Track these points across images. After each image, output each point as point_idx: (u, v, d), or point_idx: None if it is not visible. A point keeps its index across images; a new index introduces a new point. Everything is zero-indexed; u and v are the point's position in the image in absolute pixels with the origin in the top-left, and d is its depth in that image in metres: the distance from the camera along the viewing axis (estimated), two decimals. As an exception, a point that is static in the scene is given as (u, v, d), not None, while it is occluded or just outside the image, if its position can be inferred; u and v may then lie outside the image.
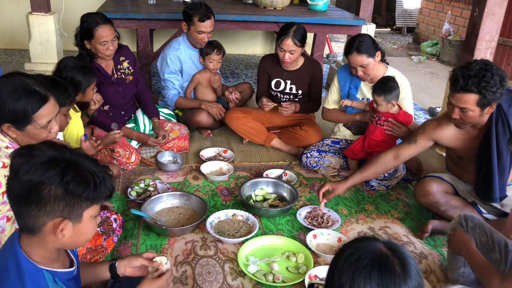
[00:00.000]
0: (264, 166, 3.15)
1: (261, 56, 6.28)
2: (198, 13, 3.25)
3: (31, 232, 1.18)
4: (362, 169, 2.52)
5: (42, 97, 1.69)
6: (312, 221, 2.52)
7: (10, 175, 1.15)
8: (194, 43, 3.41)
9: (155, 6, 4.42)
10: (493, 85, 2.04)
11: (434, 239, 2.48)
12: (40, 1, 4.13)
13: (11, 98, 1.63)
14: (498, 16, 2.81)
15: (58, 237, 1.17)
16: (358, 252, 0.98)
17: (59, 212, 1.14)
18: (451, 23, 6.87)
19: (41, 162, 1.13)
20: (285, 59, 3.14)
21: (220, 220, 2.45)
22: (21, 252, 1.19)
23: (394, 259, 0.97)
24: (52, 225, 1.16)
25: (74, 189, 1.13)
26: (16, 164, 1.13)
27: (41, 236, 1.18)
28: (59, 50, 4.34)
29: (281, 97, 3.41)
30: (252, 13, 4.32)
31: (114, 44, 2.86)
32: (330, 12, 4.74)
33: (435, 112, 4.42)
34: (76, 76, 2.48)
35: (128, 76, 3.09)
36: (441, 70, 6.26)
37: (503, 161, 2.27)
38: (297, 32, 3.08)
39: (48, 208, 1.13)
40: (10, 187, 1.15)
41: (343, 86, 3.06)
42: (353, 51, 2.77)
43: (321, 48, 4.58)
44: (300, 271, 2.12)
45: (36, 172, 1.11)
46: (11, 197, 1.16)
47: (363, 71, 2.83)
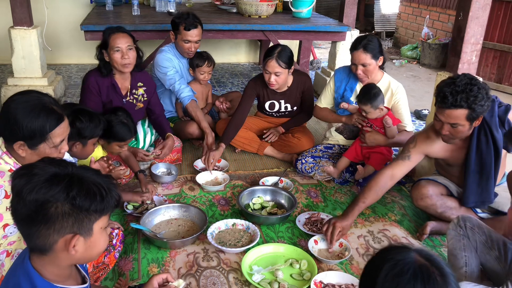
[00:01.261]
0: (259, 174, 3.15)
1: (245, 64, 6.32)
2: (184, 22, 3.26)
3: (42, 252, 1.15)
4: (363, 197, 2.44)
5: (59, 116, 1.68)
6: (312, 227, 2.53)
7: (14, 197, 1.12)
8: (182, 53, 3.41)
9: (140, 17, 4.40)
10: (481, 99, 2.10)
11: (432, 239, 2.52)
12: (22, 15, 4.05)
13: (29, 115, 1.61)
14: (482, 19, 2.89)
15: (71, 254, 1.15)
16: (398, 266, 0.98)
17: (69, 228, 1.12)
18: (430, 27, 7.03)
19: (44, 180, 1.10)
20: (271, 82, 3.05)
21: (220, 230, 2.44)
22: (34, 271, 1.16)
23: (434, 270, 0.98)
24: (63, 242, 1.14)
25: (81, 203, 1.11)
26: (18, 186, 1.10)
27: (52, 255, 1.16)
28: (42, 64, 4.27)
29: (276, 115, 3.42)
30: (238, 22, 4.34)
31: (130, 54, 2.78)
32: (314, 19, 4.80)
33: (421, 115, 4.50)
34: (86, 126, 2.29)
35: (138, 103, 3.02)
36: (422, 73, 6.39)
37: (487, 169, 2.36)
38: (281, 53, 3.00)
39: (57, 225, 1.11)
40: (15, 209, 1.12)
41: (338, 87, 3.09)
42: (360, 47, 2.80)
43: (307, 55, 4.63)
44: (304, 278, 2.13)
45: (40, 191, 1.08)
46: (18, 220, 1.14)
47: (363, 70, 2.86)
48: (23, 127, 1.61)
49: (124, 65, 2.79)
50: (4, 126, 1.65)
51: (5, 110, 1.64)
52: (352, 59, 2.90)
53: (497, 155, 2.34)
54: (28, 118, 1.61)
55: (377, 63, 2.87)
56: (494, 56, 5.58)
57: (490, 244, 1.98)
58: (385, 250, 1.07)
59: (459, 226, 2.05)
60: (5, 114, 1.63)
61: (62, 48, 5.73)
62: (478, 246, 2.00)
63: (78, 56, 5.88)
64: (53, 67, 5.33)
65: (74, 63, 5.88)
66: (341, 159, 3.00)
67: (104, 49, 2.80)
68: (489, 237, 1.99)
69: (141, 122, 3.17)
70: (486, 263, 2.00)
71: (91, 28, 3.91)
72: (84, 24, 3.91)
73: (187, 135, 3.43)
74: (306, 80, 3.32)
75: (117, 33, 2.77)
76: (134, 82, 2.97)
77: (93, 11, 4.67)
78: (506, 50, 5.43)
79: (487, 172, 2.34)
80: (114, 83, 2.88)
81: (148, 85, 3.06)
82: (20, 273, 1.17)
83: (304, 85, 3.30)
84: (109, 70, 2.85)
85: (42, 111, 1.63)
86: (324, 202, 2.84)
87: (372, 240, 2.48)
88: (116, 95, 2.90)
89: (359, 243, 2.45)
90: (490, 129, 2.32)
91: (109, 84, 2.86)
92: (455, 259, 2.07)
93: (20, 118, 1.61)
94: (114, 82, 2.88)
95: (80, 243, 1.15)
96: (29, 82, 4.21)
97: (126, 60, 2.77)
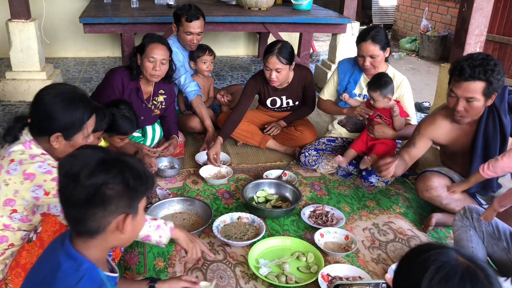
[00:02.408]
0: (262, 168, 3.13)
1: (244, 57, 6.29)
2: (186, 14, 3.24)
3: (91, 235, 1.20)
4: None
5: (92, 106, 1.78)
6: (317, 220, 2.52)
7: (70, 183, 1.15)
8: (184, 45, 3.38)
9: (138, 10, 4.35)
10: (497, 73, 2.12)
11: (437, 231, 2.52)
12: (19, 8, 4.00)
13: (70, 107, 1.68)
14: (486, 10, 2.88)
15: (123, 233, 1.21)
16: (444, 269, 0.95)
17: (122, 208, 1.19)
18: (428, 19, 7.01)
19: (96, 164, 1.16)
20: (272, 79, 3.01)
21: (226, 223, 2.43)
22: (78, 253, 1.19)
23: (479, 271, 0.95)
24: (116, 223, 1.20)
25: (133, 184, 1.18)
26: (72, 171, 1.14)
27: (102, 237, 1.21)
28: (41, 57, 4.22)
29: (278, 110, 3.41)
30: (237, 14, 4.31)
31: (162, 67, 2.79)
32: (314, 11, 4.77)
33: (422, 107, 4.49)
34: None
35: (156, 110, 3.03)
36: (421, 66, 6.38)
37: (491, 154, 2.34)
38: (282, 49, 2.97)
39: (113, 207, 1.17)
40: (73, 195, 1.14)
41: (342, 79, 3.07)
42: (369, 38, 2.78)
43: (307, 47, 4.61)
44: (311, 271, 2.12)
45: (98, 175, 1.14)
46: (73, 204, 1.16)
47: (371, 62, 2.84)
48: (63, 119, 1.67)
49: (152, 75, 2.80)
50: (39, 119, 1.68)
51: (41, 104, 1.68)
52: (360, 51, 2.87)
53: (503, 141, 2.33)
54: (68, 109, 1.68)
55: (385, 54, 2.85)
56: (494, 48, 5.57)
57: (497, 235, 1.97)
58: (422, 249, 1.03)
59: (466, 217, 2.05)
60: (42, 107, 1.67)
61: (60, 42, 5.68)
62: (485, 237, 2.00)
63: (75, 50, 5.83)
64: (50, 60, 5.28)
65: (72, 57, 5.83)
66: (348, 150, 2.97)
67: (139, 52, 2.79)
68: (496, 228, 1.98)
69: None
70: (493, 254, 2.00)
71: (90, 21, 3.86)
72: (83, 17, 3.86)
73: (189, 129, 3.41)
74: (308, 74, 3.28)
75: (157, 43, 2.76)
76: (157, 89, 2.98)
77: (91, 4, 4.62)
78: (506, 42, 5.42)
79: (491, 157, 2.33)
80: (139, 86, 2.88)
81: (169, 94, 3.07)
82: (60, 253, 1.19)
83: (305, 80, 3.25)
84: (139, 74, 2.85)
85: (80, 102, 1.72)
86: (328, 195, 2.83)
87: (377, 232, 2.48)
88: (138, 99, 2.89)
89: (364, 235, 2.45)
90: (498, 114, 2.31)
91: (133, 87, 2.86)
92: (462, 250, 2.07)
93: (60, 110, 1.66)
94: (139, 86, 2.88)
95: (129, 223, 1.21)
96: (27, 76, 4.17)
97: (156, 72, 2.79)
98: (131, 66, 2.83)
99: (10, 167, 1.64)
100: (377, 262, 2.24)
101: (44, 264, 1.23)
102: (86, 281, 1.15)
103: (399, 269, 1.07)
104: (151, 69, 2.77)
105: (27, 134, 1.72)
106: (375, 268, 2.20)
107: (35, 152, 1.69)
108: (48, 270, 1.18)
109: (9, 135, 1.70)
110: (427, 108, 4.44)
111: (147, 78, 2.84)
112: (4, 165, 1.65)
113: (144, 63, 2.77)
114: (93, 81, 4.98)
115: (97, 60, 5.80)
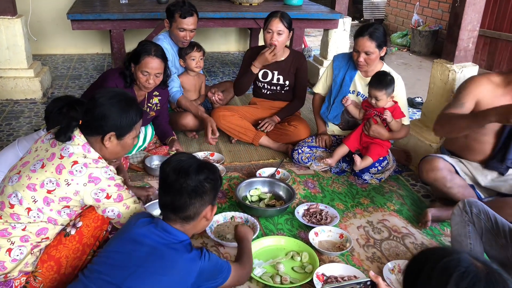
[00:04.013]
0: (255, 166, 3.10)
1: (235, 53, 6.24)
2: (180, 10, 3.21)
3: (187, 220, 1.62)
4: None
5: (141, 109, 1.94)
6: (311, 218, 2.50)
7: (180, 177, 1.57)
8: (176, 41, 3.34)
9: (128, 6, 4.28)
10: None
11: (431, 228, 2.51)
12: (5, 4, 3.91)
13: (125, 107, 1.83)
14: (479, 6, 2.86)
15: (208, 221, 1.69)
16: (468, 275, 0.95)
17: (210, 200, 1.64)
18: (419, 14, 7.01)
19: (198, 165, 1.62)
20: (273, 41, 3.11)
21: (219, 223, 2.39)
22: (177, 230, 1.61)
23: (498, 276, 0.96)
24: (205, 212, 1.64)
25: (220, 181, 1.69)
26: (181, 168, 1.58)
27: (194, 223, 1.64)
28: (28, 54, 4.14)
29: (268, 88, 3.37)
30: (228, 10, 4.26)
31: (156, 80, 2.78)
32: (306, 6, 4.73)
33: (414, 102, 4.49)
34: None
35: (151, 112, 3.02)
36: (413, 61, 6.38)
37: None
38: (284, 15, 3.13)
39: (207, 197, 1.61)
40: (183, 186, 1.56)
41: (336, 75, 3.05)
42: (366, 34, 2.75)
43: (299, 43, 4.57)
44: (306, 270, 2.10)
45: (203, 171, 1.60)
46: (180, 194, 1.57)
47: (366, 58, 2.81)
48: (118, 118, 1.80)
49: (146, 87, 2.80)
50: (95, 119, 1.79)
51: (96, 105, 1.80)
52: (356, 46, 2.83)
53: None
54: (123, 110, 1.82)
55: (380, 53, 2.83)
56: (485, 42, 5.58)
57: (496, 231, 1.94)
58: (435, 256, 1.02)
59: (465, 211, 2.01)
60: (98, 108, 1.79)
61: (48, 38, 5.58)
62: (484, 233, 1.97)
63: (63, 46, 5.74)
64: (38, 57, 5.18)
65: (60, 53, 5.73)
66: (341, 146, 2.94)
67: (133, 61, 2.76)
68: (495, 223, 1.95)
69: None
70: (491, 250, 1.98)
71: (78, 17, 3.79)
72: (71, 13, 3.78)
73: (180, 127, 3.37)
74: (303, 60, 3.36)
75: (153, 57, 2.73)
76: (151, 92, 2.96)
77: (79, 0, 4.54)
78: (497, 37, 5.43)
79: None
80: (132, 92, 2.84)
81: (163, 95, 3.05)
82: (161, 234, 1.58)
83: (299, 63, 3.32)
84: (132, 82, 2.82)
85: (132, 104, 1.87)
86: (322, 193, 2.81)
87: (372, 230, 2.46)
88: None
89: (359, 233, 2.43)
90: None
91: None
92: (460, 246, 2.04)
93: (115, 110, 1.80)
94: (132, 92, 2.84)
95: (213, 213, 1.68)
96: (14, 74, 4.09)
97: (150, 85, 2.78)
98: (125, 74, 2.79)
99: (74, 168, 1.73)
100: (372, 261, 2.23)
101: (143, 243, 1.55)
102: (195, 249, 1.59)
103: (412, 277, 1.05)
104: (145, 82, 2.76)
105: (81, 136, 1.80)
106: (370, 267, 2.18)
107: (94, 156, 1.80)
108: (152, 246, 1.54)
109: (63, 135, 1.77)
110: (420, 103, 4.43)
111: (141, 88, 2.84)
112: (67, 166, 1.74)
113: (138, 74, 2.75)
114: (82, 78, 4.90)
115: (86, 56, 5.71)
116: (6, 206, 1.71)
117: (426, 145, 3.08)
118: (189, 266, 1.55)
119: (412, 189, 2.92)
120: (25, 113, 3.90)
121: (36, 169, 1.74)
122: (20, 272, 1.71)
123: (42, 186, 1.71)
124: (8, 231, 1.70)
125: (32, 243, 1.73)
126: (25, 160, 1.82)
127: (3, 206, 1.72)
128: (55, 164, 1.74)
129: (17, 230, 1.70)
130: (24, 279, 1.73)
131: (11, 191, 1.73)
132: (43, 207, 1.72)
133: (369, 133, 2.84)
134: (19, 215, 1.70)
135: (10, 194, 1.72)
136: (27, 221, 1.71)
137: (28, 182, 1.72)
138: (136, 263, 1.51)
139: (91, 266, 1.59)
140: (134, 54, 2.77)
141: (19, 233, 1.70)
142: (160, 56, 2.78)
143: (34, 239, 1.73)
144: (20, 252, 1.70)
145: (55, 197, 1.72)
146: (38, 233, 1.73)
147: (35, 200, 1.71)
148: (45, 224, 1.74)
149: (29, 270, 1.74)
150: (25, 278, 1.74)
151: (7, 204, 1.71)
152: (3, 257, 1.68)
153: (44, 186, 1.71)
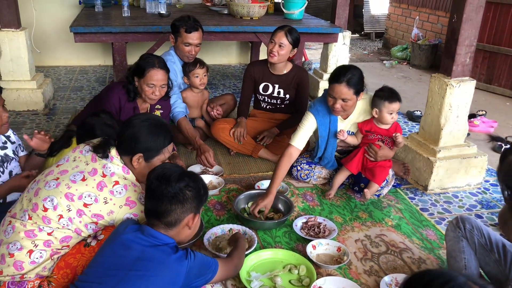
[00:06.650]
0: (254, 178, 3.12)
1: (236, 66, 6.29)
2: (185, 25, 3.25)
3: (170, 226, 1.65)
4: None
5: (172, 135, 2.00)
6: (309, 231, 2.50)
7: (162, 184, 1.62)
8: (182, 56, 3.37)
9: (130, 19, 4.33)
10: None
11: (430, 241, 2.51)
12: (10, 17, 3.97)
13: (153, 133, 1.90)
14: (475, 21, 2.89)
15: (190, 228, 1.70)
16: None
17: (193, 209, 1.67)
18: (419, 28, 7.07)
19: (180, 173, 1.66)
20: (273, 51, 3.16)
21: (217, 236, 2.40)
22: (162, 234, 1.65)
23: None
24: (187, 220, 1.67)
25: (202, 191, 1.70)
26: (163, 176, 1.63)
27: (177, 230, 1.67)
28: (31, 66, 4.19)
29: (269, 101, 3.40)
30: (229, 24, 4.30)
31: (161, 91, 2.84)
32: (306, 20, 4.78)
33: (413, 116, 4.51)
34: None
35: None
36: (413, 74, 6.42)
37: None
38: (292, 31, 3.19)
39: (188, 205, 1.64)
40: (163, 192, 1.61)
41: (322, 130, 2.86)
42: (343, 81, 2.58)
43: (299, 56, 4.61)
44: (303, 284, 2.10)
45: (184, 179, 1.64)
46: (162, 200, 1.62)
47: (343, 105, 2.65)
48: (147, 141, 1.88)
49: (151, 99, 2.85)
50: (126, 139, 1.88)
51: (129, 126, 1.91)
52: (332, 91, 2.64)
53: None
54: (152, 133, 1.90)
55: (358, 98, 2.68)
56: (484, 57, 5.62)
57: (489, 246, 1.96)
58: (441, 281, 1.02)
59: (458, 227, 2.03)
60: (130, 129, 1.89)
61: (51, 50, 5.64)
62: (477, 249, 1.99)
63: (66, 58, 5.79)
64: (41, 69, 5.23)
65: (63, 65, 5.79)
66: (341, 172, 2.90)
67: (137, 75, 2.79)
68: (489, 239, 1.97)
69: None
70: (485, 266, 2.00)
71: (81, 30, 3.84)
72: (74, 26, 3.83)
73: (180, 140, 3.39)
74: (305, 75, 3.41)
75: (158, 69, 2.78)
76: (153, 105, 3.00)
77: (82, 13, 4.59)
78: (496, 51, 5.47)
79: None
80: (136, 105, 2.89)
81: (165, 108, 3.09)
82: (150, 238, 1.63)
83: (301, 78, 3.37)
84: (136, 96, 2.86)
85: (162, 128, 1.94)
86: (321, 206, 2.82)
87: (369, 244, 2.47)
88: None
89: (356, 247, 2.44)
90: None
91: (130, 107, 2.87)
92: (455, 262, 2.05)
93: (145, 132, 1.88)
94: (136, 105, 2.89)
95: (196, 221, 1.70)
96: (17, 85, 4.13)
97: (156, 96, 2.83)
98: (128, 88, 2.83)
99: (115, 189, 1.81)
100: (370, 274, 2.23)
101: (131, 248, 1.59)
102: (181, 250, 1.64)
103: None
104: (151, 94, 2.81)
105: (118, 157, 1.89)
106: (368, 280, 2.18)
107: (133, 179, 1.90)
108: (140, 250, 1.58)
109: (102, 151, 1.87)
110: (419, 117, 4.45)
111: (146, 101, 2.87)
112: (108, 185, 1.81)
113: (143, 87, 2.79)
114: (84, 90, 4.94)
115: (88, 68, 5.77)
116: (39, 208, 1.76)
117: (424, 159, 3.09)
118: (176, 266, 1.60)
119: (411, 202, 2.93)
120: (27, 124, 3.93)
121: (76, 180, 1.80)
122: (36, 275, 1.75)
123: (80, 198, 1.77)
124: (35, 233, 1.74)
125: (53, 249, 1.77)
126: (63, 168, 1.86)
127: (36, 208, 1.76)
128: (97, 181, 1.80)
129: (43, 234, 1.74)
130: (37, 283, 1.77)
131: (47, 195, 1.77)
132: (74, 217, 1.77)
133: (376, 159, 2.79)
134: (50, 219, 1.75)
135: (45, 197, 1.76)
136: (56, 226, 1.76)
137: (66, 191, 1.77)
138: (127, 267, 1.56)
139: (82, 277, 1.63)
140: (137, 68, 2.81)
141: (44, 237, 1.74)
142: (164, 68, 2.84)
143: (57, 245, 1.77)
144: (40, 256, 1.74)
145: (89, 212, 1.78)
146: (62, 240, 1.78)
147: (69, 209, 1.76)
148: (71, 233, 1.79)
149: (45, 274, 1.78)
150: (39, 281, 1.77)
151: (40, 206, 1.76)
152: (23, 257, 1.72)
153: (82, 199, 1.77)
